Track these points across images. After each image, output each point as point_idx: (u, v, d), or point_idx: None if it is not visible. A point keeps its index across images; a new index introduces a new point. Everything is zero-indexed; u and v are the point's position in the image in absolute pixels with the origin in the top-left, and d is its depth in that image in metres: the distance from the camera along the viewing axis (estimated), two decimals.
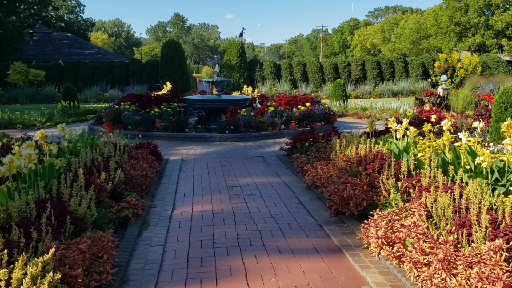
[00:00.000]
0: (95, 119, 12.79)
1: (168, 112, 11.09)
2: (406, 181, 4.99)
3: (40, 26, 46.36)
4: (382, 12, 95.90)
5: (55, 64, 29.12)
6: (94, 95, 25.20)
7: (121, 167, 6.40)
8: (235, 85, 27.98)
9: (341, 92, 17.91)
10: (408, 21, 64.76)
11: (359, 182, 5.37)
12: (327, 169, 6.50)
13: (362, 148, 6.52)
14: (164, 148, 9.91)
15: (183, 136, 10.76)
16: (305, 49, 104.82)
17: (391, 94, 26.66)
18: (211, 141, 10.70)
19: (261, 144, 10.49)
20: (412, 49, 60.78)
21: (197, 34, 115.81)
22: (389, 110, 15.69)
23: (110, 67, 29.31)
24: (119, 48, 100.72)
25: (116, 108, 11.50)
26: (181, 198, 6.18)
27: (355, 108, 16.93)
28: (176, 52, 27.91)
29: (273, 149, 9.86)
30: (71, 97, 16.92)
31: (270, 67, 29.57)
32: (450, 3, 51.06)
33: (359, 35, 75.80)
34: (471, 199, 4.12)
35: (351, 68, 29.86)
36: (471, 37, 50.07)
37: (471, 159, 5.02)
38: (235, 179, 7.15)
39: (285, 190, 6.52)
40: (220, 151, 9.74)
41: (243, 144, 10.47)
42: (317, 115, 11.72)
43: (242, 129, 10.73)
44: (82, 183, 4.98)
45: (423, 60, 30.22)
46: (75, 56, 38.50)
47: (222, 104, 12.49)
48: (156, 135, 10.88)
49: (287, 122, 11.33)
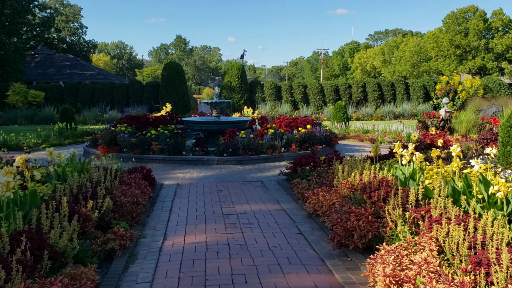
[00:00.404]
0: (90, 141, 12.48)
1: (165, 134, 10.79)
2: (414, 212, 4.63)
3: (42, 47, 46.63)
4: (382, 35, 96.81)
5: (55, 85, 29.06)
6: (93, 116, 25.00)
7: (111, 193, 6.06)
8: (236, 107, 27.82)
9: (342, 114, 17.66)
10: (408, 44, 65.15)
11: (364, 212, 5.01)
12: (329, 196, 6.14)
13: (366, 174, 6.18)
14: (160, 172, 9.58)
15: (180, 159, 10.43)
16: (305, 71, 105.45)
17: (392, 116, 26.42)
18: (208, 164, 10.36)
19: (260, 168, 10.15)
20: (412, 71, 60.96)
21: (199, 56, 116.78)
22: (391, 133, 15.39)
23: (110, 88, 29.23)
24: (121, 70, 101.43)
25: (112, 130, 11.19)
26: (174, 227, 5.80)
27: (357, 130, 16.64)
28: (177, 73, 27.85)
29: (272, 173, 9.51)
30: (68, 119, 16.67)
31: (270, 88, 29.46)
32: (450, 26, 51.42)
33: (359, 58, 76.22)
34: (488, 234, 3.76)
35: (352, 90, 29.72)
36: (472, 60, 50.23)
37: (484, 188, 4.67)
38: (232, 206, 6.78)
39: (285, 219, 6.15)
40: (217, 175, 9.39)
41: (241, 168, 10.12)
42: (318, 138, 11.41)
43: (241, 152, 10.40)
44: (65, 213, 4.64)
45: (424, 82, 30.11)
46: (76, 78, 38.58)
47: (221, 126, 12.22)
48: (152, 158, 10.56)
49: (287, 145, 11.01)
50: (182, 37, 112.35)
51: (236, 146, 10.39)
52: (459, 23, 51.32)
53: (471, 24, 49.77)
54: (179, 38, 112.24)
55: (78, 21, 57.01)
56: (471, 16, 51.69)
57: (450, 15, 52.54)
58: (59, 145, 14.66)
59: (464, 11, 52.00)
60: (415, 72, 60.32)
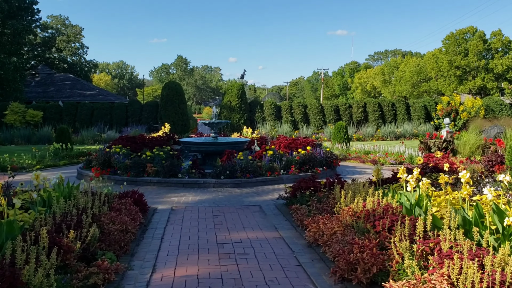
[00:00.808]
0: (84, 163, 12.14)
1: (160, 156, 10.45)
2: (422, 244, 4.27)
3: (42, 67, 46.76)
4: (382, 55, 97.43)
5: (53, 105, 28.90)
6: (91, 136, 24.74)
7: (99, 220, 5.71)
8: (235, 126, 27.58)
9: (343, 134, 17.36)
10: (408, 64, 65.38)
11: (368, 243, 4.65)
12: (330, 224, 5.78)
13: (369, 200, 5.83)
14: (154, 195, 9.23)
15: (176, 181, 10.07)
16: (306, 91, 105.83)
17: (393, 137, 26.15)
18: (205, 187, 10.00)
19: (259, 191, 9.78)
20: (412, 91, 60.98)
21: (199, 75, 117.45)
22: (393, 154, 15.06)
23: (109, 108, 29.06)
24: (122, 89, 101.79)
25: (106, 152, 10.87)
26: (164, 257, 5.43)
27: (358, 151, 16.32)
28: (176, 93, 27.71)
29: (271, 197, 9.16)
30: (64, 139, 16.40)
31: (270, 108, 29.28)
32: (450, 47, 51.61)
33: (359, 78, 76.48)
34: (507, 272, 3.40)
35: (352, 110, 29.53)
36: (472, 80, 50.24)
37: (498, 218, 4.33)
38: (227, 234, 6.41)
39: (283, 248, 5.77)
40: (213, 199, 9.03)
41: (239, 191, 9.76)
42: (319, 160, 11.07)
43: (239, 174, 10.04)
44: (45, 244, 4.28)
45: (425, 102, 29.93)
46: (76, 97, 38.50)
47: (219, 147, 11.91)
48: (147, 180, 10.21)
49: (287, 167, 10.66)
50: (183, 57, 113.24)
51: (233, 168, 10.05)
52: (459, 44, 51.53)
53: (471, 45, 49.93)
54: (180, 58, 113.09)
55: (79, 41, 57.36)
56: (470, 37, 51.93)
57: (449, 36, 52.79)
58: (53, 166, 14.34)
59: (463, 32, 52.26)
60: (415, 92, 60.33)
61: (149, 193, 9.42)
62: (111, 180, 10.31)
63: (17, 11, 32.97)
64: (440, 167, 9.10)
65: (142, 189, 9.55)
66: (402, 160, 14.23)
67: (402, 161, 14.20)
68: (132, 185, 9.93)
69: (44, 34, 52.84)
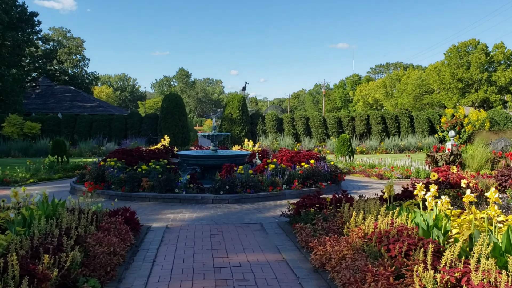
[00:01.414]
0: (78, 177, 11.61)
1: (157, 169, 9.92)
2: (447, 274, 3.73)
3: (43, 79, 46.59)
4: (383, 68, 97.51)
5: (52, 117, 28.49)
6: (90, 148, 24.27)
7: (84, 242, 5.18)
8: (236, 139, 27.11)
9: (346, 147, 16.83)
10: (410, 76, 65.16)
11: (383, 271, 4.11)
12: (338, 246, 5.24)
13: (381, 221, 5.30)
14: (149, 212, 8.70)
15: (172, 197, 9.53)
16: (307, 103, 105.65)
17: (397, 150, 25.62)
18: (203, 203, 9.46)
19: (260, 208, 9.24)
20: (415, 104, 60.67)
21: (201, 88, 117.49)
22: (399, 168, 14.52)
23: (108, 120, 28.64)
24: (124, 102, 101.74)
25: (100, 165, 10.35)
26: (155, 284, 4.88)
27: (362, 165, 15.78)
28: (176, 105, 27.32)
29: (273, 214, 8.62)
30: (60, 151, 15.91)
31: (272, 120, 28.83)
32: (452, 59, 51.39)
33: (361, 90, 76.24)
34: None
35: (355, 123, 29.06)
36: (475, 93, 49.88)
37: None
38: (225, 256, 5.87)
39: (287, 273, 5.23)
40: (212, 216, 8.49)
41: (239, 207, 9.22)
42: (323, 174, 10.53)
43: (239, 190, 9.51)
44: (16, 273, 3.76)
45: (429, 115, 29.45)
46: (76, 109, 38.19)
47: (218, 161, 11.41)
48: (142, 196, 9.66)
49: (290, 182, 10.13)
50: (185, 70, 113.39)
51: (233, 183, 9.53)
52: (461, 57, 51.36)
53: (473, 57, 49.74)
54: (182, 71, 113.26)
55: (80, 53, 57.25)
56: (472, 49, 51.79)
57: (451, 48, 52.66)
58: (48, 180, 13.84)
59: (465, 45, 52.12)
60: (417, 105, 60.02)
61: (143, 209, 8.91)
62: (104, 195, 9.80)
63: (17, 23, 32.80)
64: (452, 183, 8.56)
65: (136, 205, 9.04)
66: (408, 174, 13.69)
67: (408, 175, 13.65)
68: (126, 201, 9.42)
69: (46, 46, 52.80)
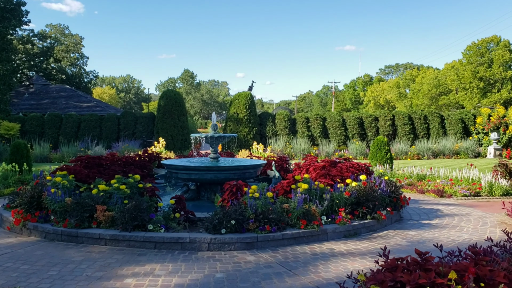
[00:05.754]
0: (10, 198, 7.37)
1: (122, 191, 6.33)
2: None
3: (37, 77, 43.44)
4: (393, 69, 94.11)
5: (34, 116, 25.16)
6: (74, 152, 20.89)
7: None
8: (243, 142, 23.64)
9: (384, 153, 13.22)
10: (425, 76, 61.56)
11: None
12: None
13: None
14: (95, 271, 5.00)
15: (142, 238, 5.82)
16: (315, 105, 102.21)
17: (430, 155, 22.01)
18: (192, 250, 5.80)
19: (289, 260, 5.48)
20: (431, 105, 57.08)
21: (206, 90, 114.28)
22: (461, 180, 10.97)
23: (98, 120, 25.29)
24: (128, 104, 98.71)
25: (36, 183, 6.77)
26: None
27: (408, 176, 12.21)
28: (175, 103, 23.93)
29: (316, 277, 4.88)
30: (21, 158, 12.55)
31: (284, 121, 25.33)
32: (472, 58, 47.89)
33: (372, 91, 72.86)
34: None
35: (378, 124, 25.48)
36: (497, 93, 46.28)
37: None
38: None
39: None
40: (205, 281, 4.80)
41: (253, 260, 5.48)
42: (380, 197, 6.95)
43: (251, 226, 5.88)
44: None
45: (462, 115, 25.78)
46: (71, 109, 35.05)
47: (220, 174, 7.88)
48: (95, 235, 5.95)
49: (331, 210, 6.56)
50: (190, 71, 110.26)
51: (242, 214, 5.95)
52: (482, 54, 47.83)
53: (496, 55, 46.36)
54: (187, 72, 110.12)
55: (79, 51, 54.04)
56: (494, 46, 48.34)
57: (470, 46, 49.31)
58: None
59: (486, 42, 48.71)
60: (433, 106, 56.45)
61: (90, 263, 5.25)
62: (38, 232, 6.22)
63: (1, 13, 29.60)
64: None
65: (82, 254, 5.51)
66: (477, 190, 10.15)
67: (478, 191, 10.12)
68: (69, 244, 5.92)
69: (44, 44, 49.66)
